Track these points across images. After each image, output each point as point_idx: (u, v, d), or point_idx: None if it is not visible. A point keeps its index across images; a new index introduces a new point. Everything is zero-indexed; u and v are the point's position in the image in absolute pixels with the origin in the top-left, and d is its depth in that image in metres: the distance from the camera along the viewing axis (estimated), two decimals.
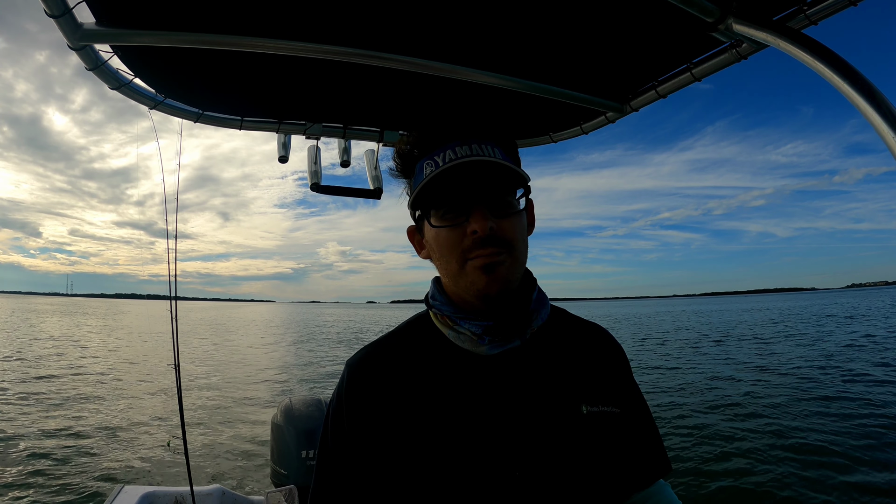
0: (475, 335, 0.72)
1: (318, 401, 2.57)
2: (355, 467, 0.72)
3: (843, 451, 5.89)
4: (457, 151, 0.71)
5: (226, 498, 2.75)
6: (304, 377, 13.04)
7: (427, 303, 0.81)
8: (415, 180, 0.77)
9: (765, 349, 16.49)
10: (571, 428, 0.70)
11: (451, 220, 0.72)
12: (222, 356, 17.41)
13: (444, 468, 0.67)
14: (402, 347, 0.78)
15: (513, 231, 0.72)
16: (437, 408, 0.70)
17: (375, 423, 0.71)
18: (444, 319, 0.76)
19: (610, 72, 1.50)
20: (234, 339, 25.62)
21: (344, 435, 0.73)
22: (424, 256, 0.81)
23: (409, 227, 0.83)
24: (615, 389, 0.78)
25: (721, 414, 7.98)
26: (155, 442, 6.79)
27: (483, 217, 0.69)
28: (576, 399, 0.73)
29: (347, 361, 0.79)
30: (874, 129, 0.83)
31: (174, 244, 2.25)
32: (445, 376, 0.73)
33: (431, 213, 0.74)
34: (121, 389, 10.75)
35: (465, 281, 0.71)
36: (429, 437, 0.68)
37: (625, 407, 0.77)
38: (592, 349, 0.81)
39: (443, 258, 0.74)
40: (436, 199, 0.73)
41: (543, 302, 0.80)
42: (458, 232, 0.71)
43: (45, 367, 13.49)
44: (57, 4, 1.05)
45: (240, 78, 1.50)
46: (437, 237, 0.74)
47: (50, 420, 7.92)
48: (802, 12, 1.09)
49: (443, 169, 0.70)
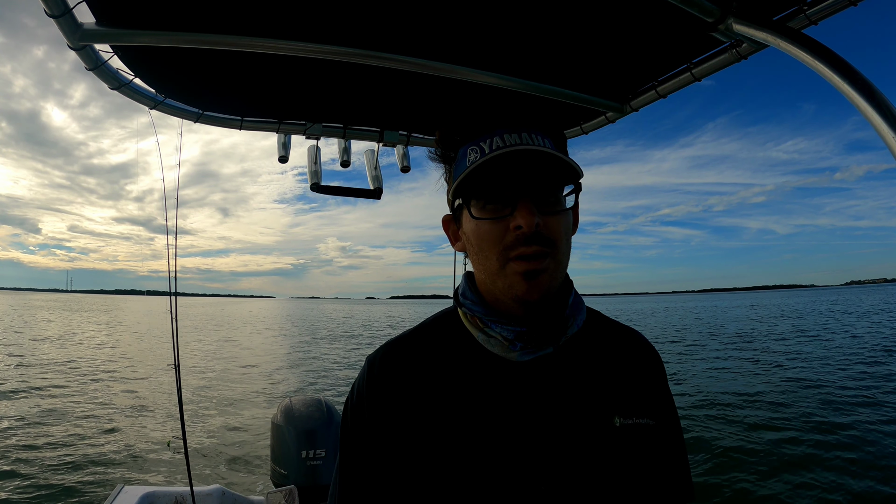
0: (507, 340, 0.68)
1: (318, 401, 2.57)
2: (380, 465, 0.68)
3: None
4: (505, 139, 0.66)
5: (226, 498, 2.75)
6: (302, 375, 13.04)
7: (457, 300, 0.76)
8: (456, 166, 0.72)
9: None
10: (602, 441, 0.66)
11: (493, 212, 0.67)
12: (222, 355, 17.41)
13: (466, 478, 0.64)
14: (426, 345, 0.74)
15: (559, 229, 0.67)
16: (462, 413, 0.66)
17: (397, 423, 0.68)
18: (473, 320, 0.72)
19: (610, 72, 1.50)
20: (235, 335, 25.63)
21: (368, 431, 0.69)
22: (459, 249, 0.76)
23: (445, 216, 0.78)
24: (651, 401, 0.73)
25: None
26: (155, 442, 6.79)
27: (530, 212, 0.64)
28: (609, 410, 0.68)
29: (368, 357, 0.75)
30: (874, 129, 0.83)
31: (174, 240, 2.25)
32: (472, 380, 0.69)
33: (473, 203, 0.68)
34: (121, 389, 10.75)
35: (504, 282, 0.67)
36: (451, 444, 0.65)
37: (659, 420, 0.72)
38: (628, 357, 0.76)
39: (481, 253, 0.69)
40: (479, 189, 0.67)
41: (580, 307, 0.75)
42: (501, 226, 0.66)
43: (44, 367, 13.48)
44: (57, 4, 1.05)
45: (240, 78, 1.50)
46: (478, 230, 0.68)
47: (50, 420, 7.92)
48: (802, 12, 1.09)
49: (490, 157, 0.64)
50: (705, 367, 12.86)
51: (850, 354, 13.96)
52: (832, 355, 14.02)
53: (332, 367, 14.64)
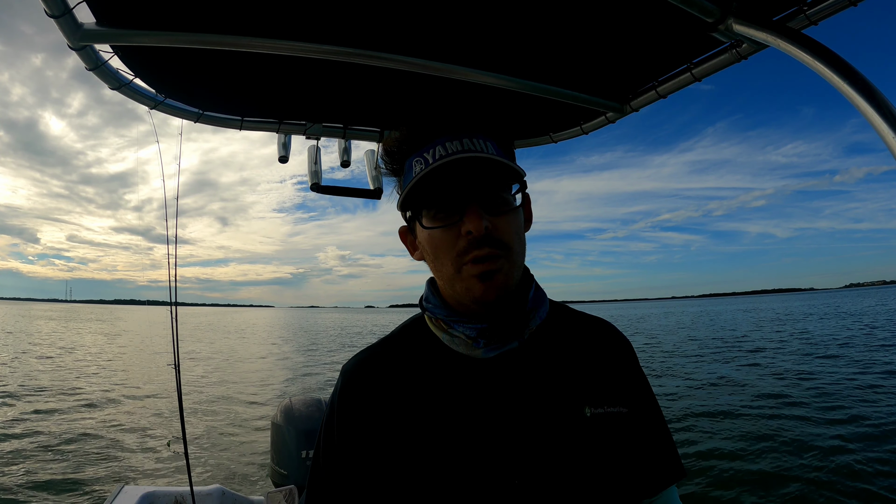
0: (470, 338, 0.70)
1: (318, 401, 2.56)
2: (345, 479, 0.70)
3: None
4: (447, 147, 0.67)
5: (226, 498, 2.75)
6: (298, 379, 13.04)
7: (421, 306, 0.78)
8: (404, 179, 0.73)
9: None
10: (573, 432, 0.67)
11: (443, 220, 0.68)
12: (222, 358, 17.40)
13: (439, 477, 0.64)
14: (396, 352, 0.76)
15: (509, 230, 0.68)
16: (433, 414, 0.68)
17: (368, 431, 0.69)
18: (437, 323, 0.73)
19: (610, 72, 1.50)
20: (234, 342, 25.61)
21: (333, 446, 0.72)
22: (418, 258, 0.77)
23: (401, 228, 0.79)
24: (622, 388, 0.74)
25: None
26: (155, 442, 6.79)
27: (478, 216, 0.65)
28: (579, 401, 0.69)
29: (342, 367, 0.77)
30: (874, 130, 0.83)
31: (174, 249, 2.25)
32: (441, 381, 0.70)
33: (423, 213, 0.70)
34: (121, 389, 10.75)
35: (462, 286, 0.68)
36: (424, 446, 0.66)
37: (633, 406, 0.73)
38: (596, 345, 0.76)
39: (437, 260, 0.70)
40: (427, 199, 0.69)
41: (541, 300, 0.76)
42: (452, 232, 0.67)
43: (44, 368, 13.48)
44: (57, 4, 1.05)
45: (240, 78, 1.50)
46: (430, 238, 0.70)
47: (50, 420, 7.92)
48: (802, 12, 1.09)
49: (432, 167, 0.65)
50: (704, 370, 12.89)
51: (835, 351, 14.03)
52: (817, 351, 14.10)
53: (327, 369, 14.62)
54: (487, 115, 0.73)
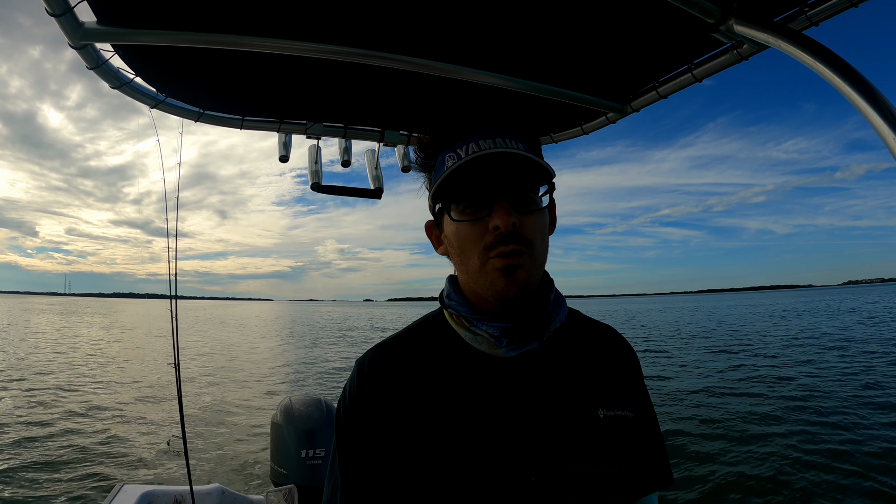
0: (493, 337, 0.71)
1: (318, 400, 2.56)
2: (377, 466, 0.69)
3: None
4: (480, 144, 0.69)
5: (225, 497, 2.75)
6: (299, 375, 13.05)
7: (442, 302, 0.79)
8: (435, 173, 0.75)
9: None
10: (588, 432, 0.69)
11: (472, 214, 0.70)
12: (221, 355, 17.42)
13: (458, 473, 0.65)
14: (415, 347, 0.76)
15: (534, 229, 0.70)
16: (453, 410, 0.68)
17: (388, 424, 0.69)
18: (460, 320, 0.74)
19: (611, 72, 1.50)
20: (233, 337, 25.66)
21: (361, 432, 0.71)
22: (442, 253, 0.78)
23: (428, 222, 0.81)
24: (629, 393, 0.77)
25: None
26: (155, 441, 6.79)
27: (506, 212, 0.67)
28: (593, 402, 0.72)
29: (357, 360, 0.77)
30: (874, 130, 0.83)
31: (174, 243, 2.25)
32: (461, 378, 0.71)
33: (452, 206, 0.71)
34: (121, 388, 10.75)
35: (486, 280, 0.69)
36: (443, 441, 0.67)
37: (637, 412, 0.76)
38: (607, 351, 0.79)
39: (463, 254, 0.71)
40: (457, 193, 0.70)
41: (561, 303, 0.78)
42: (480, 227, 0.69)
43: (44, 366, 13.49)
44: (58, 3, 1.05)
45: (241, 77, 1.50)
46: (458, 232, 0.71)
47: (50, 419, 7.92)
48: (803, 13, 1.09)
49: (465, 161, 0.68)
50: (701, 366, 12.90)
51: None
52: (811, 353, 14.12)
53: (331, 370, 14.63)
54: (519, 117, 0.75)
